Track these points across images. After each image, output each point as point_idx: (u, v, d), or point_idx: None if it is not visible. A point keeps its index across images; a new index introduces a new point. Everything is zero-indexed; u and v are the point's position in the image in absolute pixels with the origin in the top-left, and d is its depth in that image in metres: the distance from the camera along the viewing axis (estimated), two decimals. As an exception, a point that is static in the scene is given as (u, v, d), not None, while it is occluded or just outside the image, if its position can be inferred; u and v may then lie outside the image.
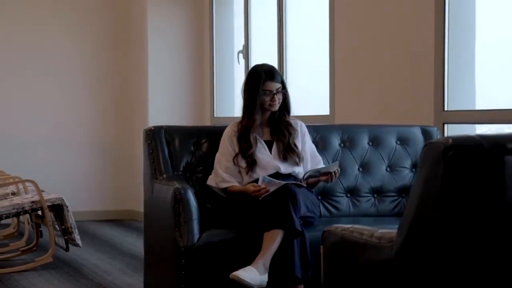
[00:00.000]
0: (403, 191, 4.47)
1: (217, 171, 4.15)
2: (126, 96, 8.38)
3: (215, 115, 7.90)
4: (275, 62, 6.69)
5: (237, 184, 4.12)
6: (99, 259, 5.91)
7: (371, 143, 4.54)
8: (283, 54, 6.69)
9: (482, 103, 4.80)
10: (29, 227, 6.46)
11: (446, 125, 4.81)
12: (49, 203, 5.52)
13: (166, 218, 3.93)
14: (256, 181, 4.03)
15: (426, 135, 4.57)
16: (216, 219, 4.08)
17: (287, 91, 4.23)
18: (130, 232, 7.28)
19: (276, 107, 4.18)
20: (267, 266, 3.72)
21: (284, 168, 4.14)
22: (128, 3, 8.38)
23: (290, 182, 3.93)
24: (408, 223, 1.99)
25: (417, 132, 4.57)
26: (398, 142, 4.55)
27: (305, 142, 4.26)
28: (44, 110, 8.11)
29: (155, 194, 4.16)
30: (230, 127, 4.24)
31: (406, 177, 4.48)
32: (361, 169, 4.48)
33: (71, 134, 8.19)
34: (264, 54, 7.14)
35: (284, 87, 4.20)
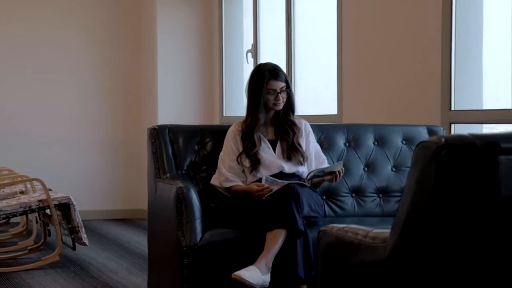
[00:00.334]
0: (408, 191, 4.44)
1: (221, 170, 4.13)
2: (135, 95, 8.38)
3: (224, 114, 7.89)
4: (283, 61, 6.68)
5: (240, 183, 4.10)
6: (106, 258, 5.91)
7: (376, 143, 4.51)
8: (291, 53, 6.67)
9: (489, 102, 4.76)
10: (38, 226, 6.48)
11: (453, 125, 4.78)
12: (56, 202, 5.52)
13: (169, 217, 3.92)
14: (260, 180, 4.02)
15: (432, 135, 4.52)
16: (220, 218, 4.07)
17: (291, 90, 4.21)
18: (138, 231, 7.27)
19: (280, 106, 4.16)
20: (269, 266, 3.70)
21: (288, 168, 4.12)
22: (138, 2, 8.38)
23: (293, 182, 3.91)
24: (401, 223, 1.97)
25: (423, 132, 4.54)
26: (404, 142, 4.52)
27: (309, 142, 4.23)
28: (53, 109, 8.12)
29: (159, 193, 4.14)
30: (234, 126, 4.22)
31: (412, 177, 4.45)
32: (366, 168, 4.46)
33: (80, 133, 8.19)
34: (273, 53, 7.13)
35: (288, 86, 4.18)
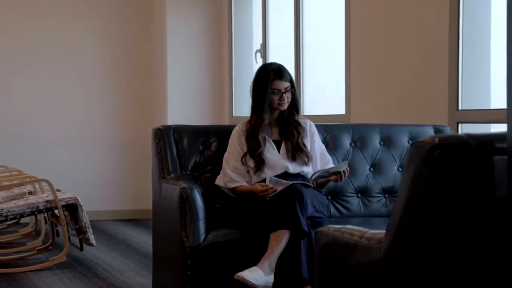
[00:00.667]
0: (415, 191, 4.41)
1: (226, 170, 4.12)
2: (145, 96, 8.38)
3: (233, 115, 7.87)
4: (292, 61, 6.66)
5: (245, 183, 4.08)
6: (113, 258, 5.90)
7: (382, 143, 4.48)
8: (300, 53, 6.65)
9: (497, 102, 4.72)
10: (46, 227, 6.49)
11: (460, 125, 4.74)
12: (63, 203, 5.52)
13: (172, 218, 3.90)
14: (264, 181, 4.00)
15: (439, 134, 4.49)
16: (224, 219, 4.05)
17: (296, 90, 4.19)
18: (147, 232, 7.26)
19: (285, 106, 4.14)
20: (273, 266, 3.69)
21: (293, 168, 4.10)
22: (148, 2, 8.38)
23: (297, 182, 3.89)
24: (395, 224, 1.94)
25: (430, 132, 4.50)
26: (410, 142, 4.48)
27: (314, 142, 4.21)
28: (63, 110, 8.12)
29: (163, 193, 4.13)
30: (238, 126, 4.21)
31: (418, 177, 4.42)
32: (372, 169, 4.43)
33: (90, 134, 8.19)
34: (281, 53, 7.11)
35: (293, 86, 4.16)
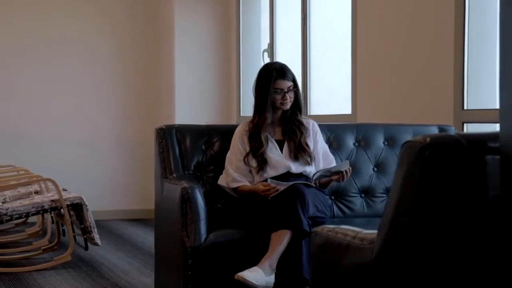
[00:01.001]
0: (419, 191, 4.37)
1: (228, 170, 4.10)
2: (153, 96, 8.37)
3: (241, 114, 7.85)
4: (299, 61, 6.64)
5: (247, 183, 4.06)
6: (119, 258, 5.90)
7: (386, 143, 4.45)
8: (307, 52, 6.63)
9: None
10: (52, 226, 6.49)
11: (465, 124, 4.71)
12: (69, 202, 5.52)
13: (174, 217, 3.89)
14: (267, 181, 3.98)
15: (444, 134, 4.46)
16: (226, 219, 4.04)
17: (298, 89, 4.16)
18: (154, 232, 7.24)
19: (288, 106, 4.12)
20: (273, 267, 3.67)
21: (295, 168, 4.08)
22: (156, 2, 8.37)
23: (298, 182, 3.87)
24: (387, 224, 1.91)
25: (434, 131, 4.47)
26: (414, 142, 4.45)
27: (317, 142, 4.19)
28: (71, 110, 8.12)
29: (165, 193, 4.12)
30: (241, 126, 4.19)
31: (422, 177, 4.38)
32: (376, 169, 4.40)
33: (97, 133, 8.20)
34: (289, 53, 7.08)
35: (295, 85, 4.13)
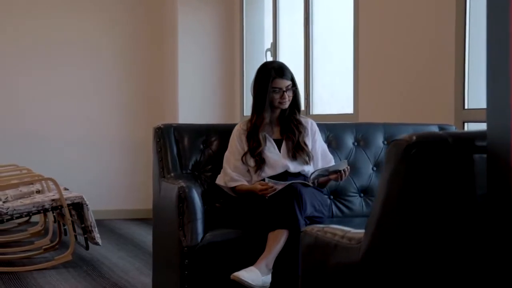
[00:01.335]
0: (418, 191, 4.35)
1: (226, 170, 4.08)
2: (156, 95, 8.36)
3: (244, 114, 7.83)
4: (301, 60, 6.61)
5: (246, 183, 4.04)
6: (120, 257, 5.89)
7: (386, 142, 4.43)
8: (309, 52, 6.60)
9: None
10: (54, 225, 6.49)
11: (466, 124, 4.68)
12: (69, 201, 5.51)
13: (171, 217, 3.88)
14: (264, 180, 3.96)
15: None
16: (224, 218, 4.02)
17: (297, 88, 4.14)
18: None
19: (286, 105, 4.10)
20: (270, 266, 3.64)
21: (293, 167, 4.05)
22: (159, 2, 8.36)
23: (296, 182, 3.85)
24: (373, 224, 1.89)
25: (435, 131, 4.44)
26: (414, 141, 4.42)
27: (315, 141, 4.16)
28: (75, 109, 8.12)
29: (162, 192, 4.10)
30: (239, 125, 4.17)
31: (422, 177, 4.35)
32: (375, 168, 4.37)
33: (100, 133, 8.19)
34: (291, 52, 7.06)
35: (294, 84, 4.11)
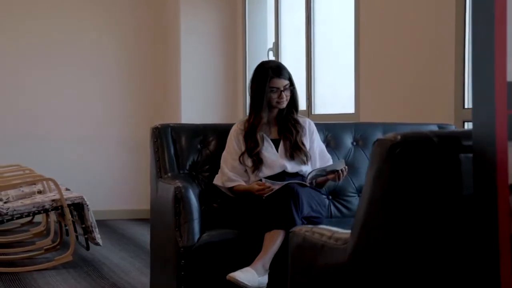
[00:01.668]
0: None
1: (223, 170, 4.06)
2: (158, 95, 8.35)
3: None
4: (303, 60, 6.60)
5: (243, 183, 4.03)
6: (121, 258, 5.88)
7: (385, 142, 4.39)
8: (311, 51, 6.58)
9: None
10: (56, 226, 6.48)
11: (466, 123, 4.65)
12: (70, 202, 5.51)
13: (168, 217, 3.86)
14: (261, 180, 3.94)
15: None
16: (221, 219, 4.00)
17: (295, 88, 4.12)
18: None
19: (284, 105, 4.08)
20: (267, 267, 3.62)
21: (291, 167, 4.03)
22: (162, 2, 8.35)
23: (293, 182, 3.83)
24: (359, 224, 1.87)
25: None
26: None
27: (313, 141, 4.14)
28: (77, 109, 8.12)
29: (159, 193, 4.09)
30: (236, 125, 4.15)
31: (421, 177, 4.33)
32: (374, 168, 4.34)
33: (103, 133, 8.18)
34: (293, 52, 7.05)
35: (292, 84, 4.09)
